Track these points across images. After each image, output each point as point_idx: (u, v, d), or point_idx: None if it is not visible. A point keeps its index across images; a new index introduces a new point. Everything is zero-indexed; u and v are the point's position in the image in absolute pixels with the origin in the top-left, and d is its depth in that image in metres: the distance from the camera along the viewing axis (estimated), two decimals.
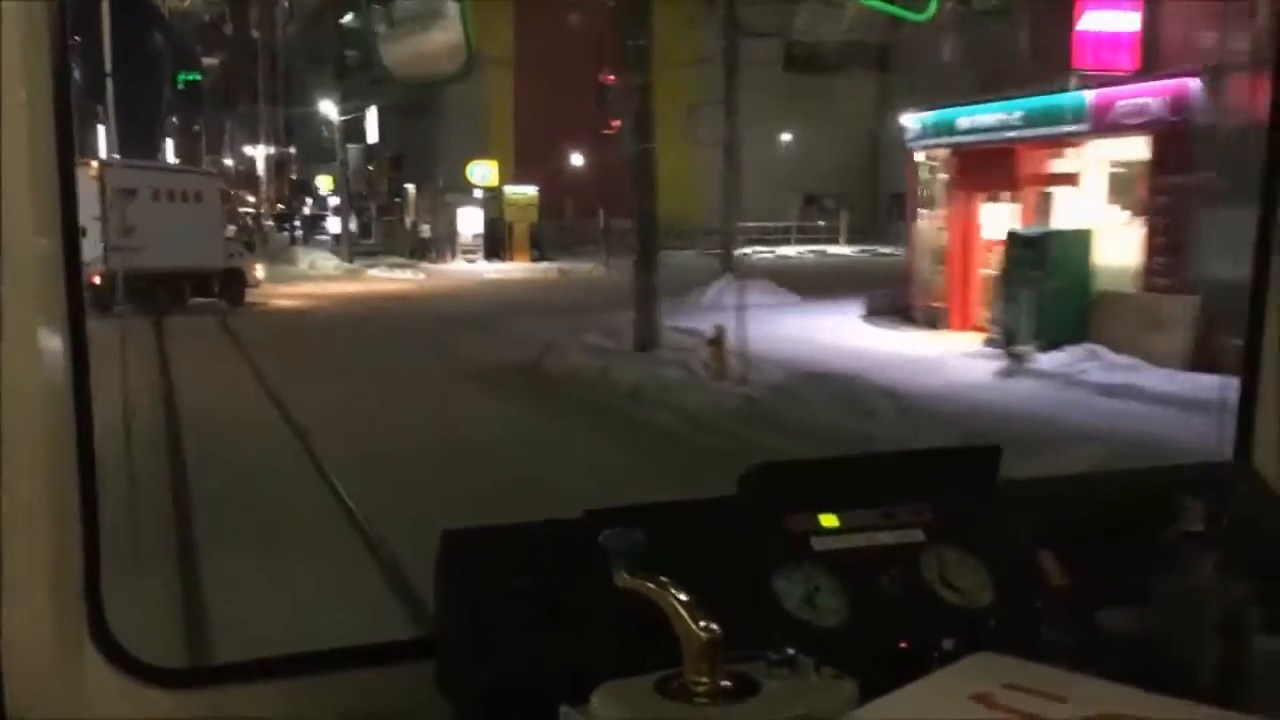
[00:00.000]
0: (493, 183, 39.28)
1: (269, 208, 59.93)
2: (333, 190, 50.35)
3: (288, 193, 64.61)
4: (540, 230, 40.07)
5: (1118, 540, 1.61)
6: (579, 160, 42.11)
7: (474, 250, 38.86)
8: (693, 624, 1.16)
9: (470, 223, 39.27)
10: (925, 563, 1.59)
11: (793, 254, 43.27)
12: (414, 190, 43.91)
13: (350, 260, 38.35)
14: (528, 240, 39.45)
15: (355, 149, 52.33)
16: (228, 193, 32.31)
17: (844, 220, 47.44)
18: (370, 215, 52.25)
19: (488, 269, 36.63)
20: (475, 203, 39.40)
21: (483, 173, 39.27)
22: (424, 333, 20.59)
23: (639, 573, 1.23)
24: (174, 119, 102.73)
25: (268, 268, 30.17)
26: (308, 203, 59.95)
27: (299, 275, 34.55)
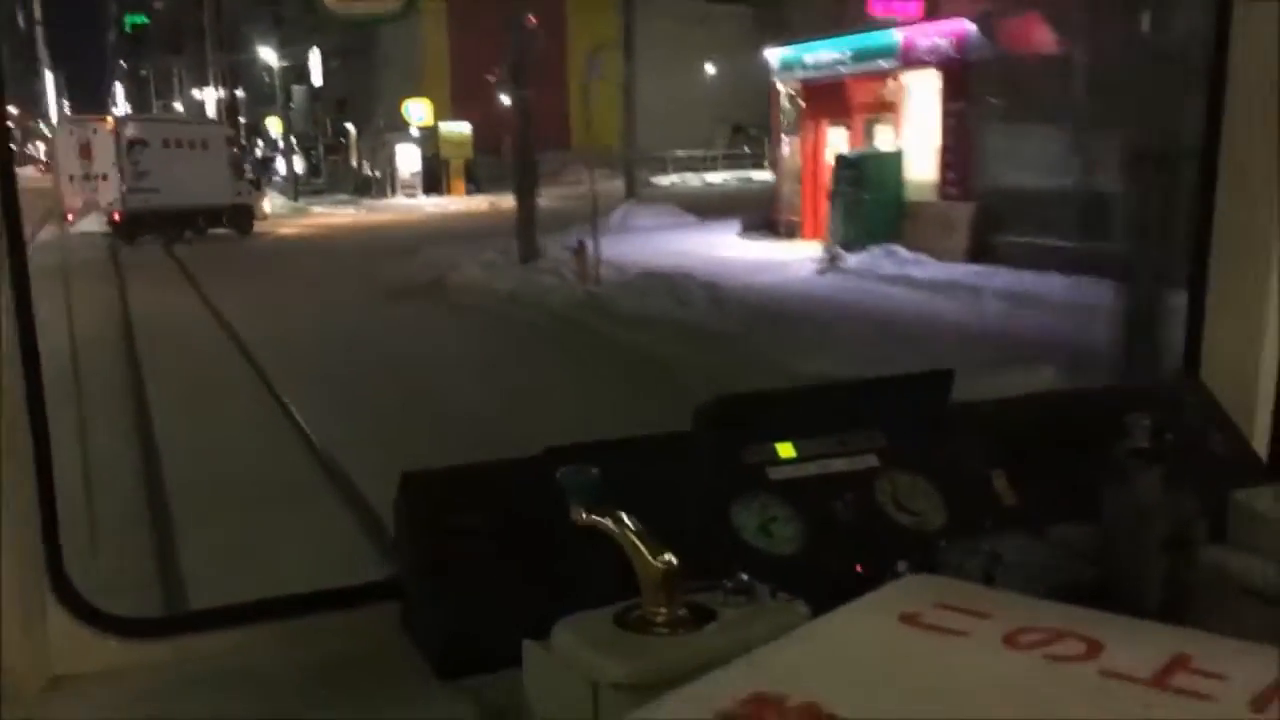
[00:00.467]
0: (428, 122, 41.68)
1: None
2: (283, 133, 52.51)
3: (239, 135, 66.49)
4: (476, 165, 42.55)
5: (1068, 458, 1.64)
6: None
7: (413, 186, 41.39)
8: (649, 557, 1.18)
9: (408, 160, 41.75)
10: (879, 488, 1.63)
11: (718, 180, 45.88)
12: (354, 131, 46.18)
13: (295, 199, 40.82)
14: (464, 175, 41.97)
15: (301, 91, 54.35)
16: (234, 139, 35.69)
17: (768, 148, 50.02)
18: (319, 155, 54.52)
19: (426, 203, 39.23)
20: (413, 140, 41.81)
21: (419, 111, 41.66)
22: (352, 255, 23.54)
23: (596, 509, 1.23)
24: (122, 63, 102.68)
25: None
26: (259, 145, 61.81)
27: None
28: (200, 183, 28.68)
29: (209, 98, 65.20)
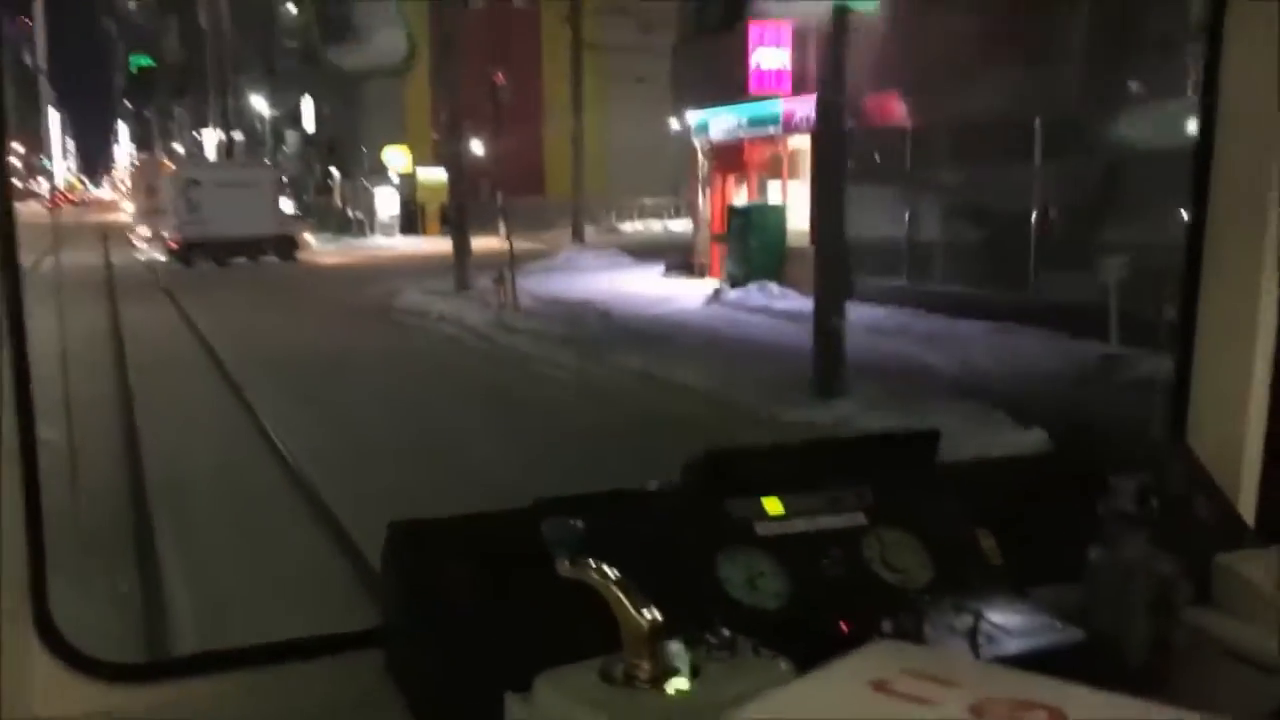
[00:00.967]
0: (407, 169, 45.10)
1: None
2: None
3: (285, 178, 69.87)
4: (451, 208, 45.86)
5: (1053, 519, 1.66)
6: (495, 145, 48.03)
7: (391, 226, 44.75)
8: (634, 611, 1.19)
9: (387, 203, 45.13)
10: (866, 544, 1.64)
11: (678, 227, 49.23)
12: (339, 175, 49.71)
13: None
14: (439, 217, 45.29)
15: (294, 135, 58.02)
16: (280, 180, 40.85)
17: (684, 196, 53.40)
18: (308, 197, 57.99)
19: (401, 242, 42.54)
20: (392, 185, 45.25)
21: (397, 159, 45.10)
22: (323, 287, 26.87)
23: (580, 561, 1.24)
24: (127, 103, 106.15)
25: None
26: None
27: None
28: (247, 217, 34.04)
29: (209, 140, 68.74)
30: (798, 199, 22.25)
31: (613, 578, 1.22)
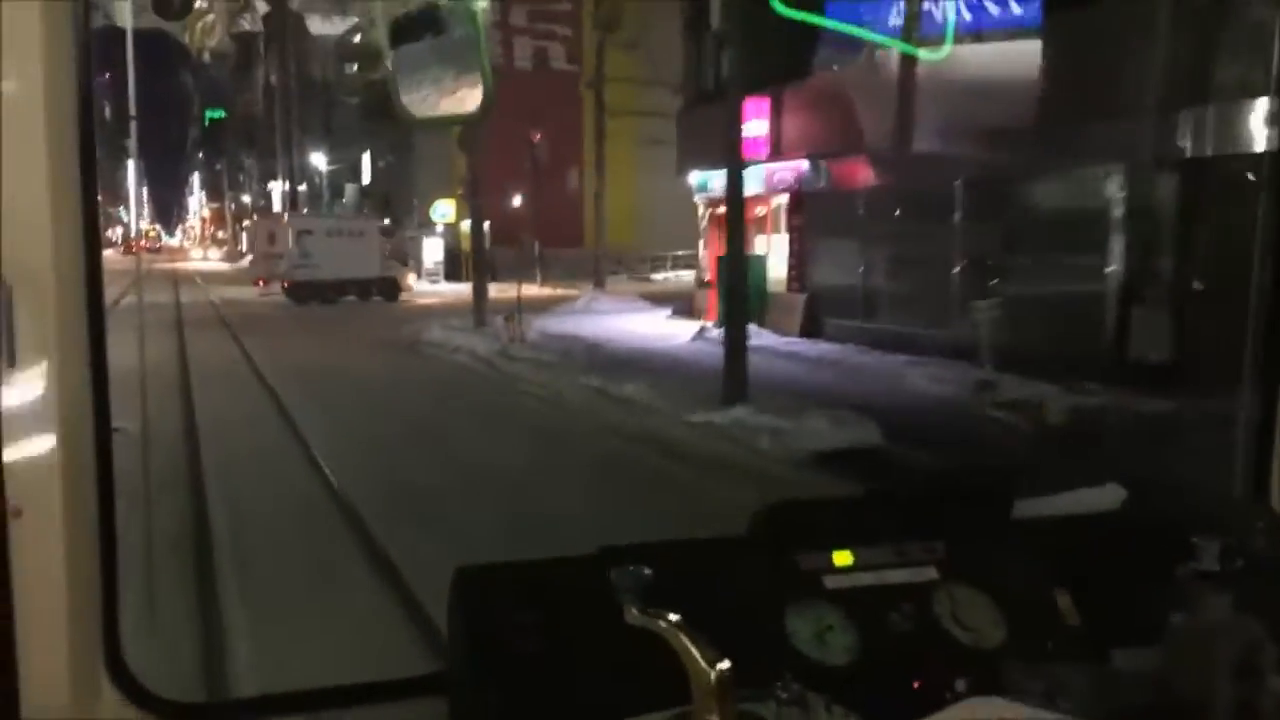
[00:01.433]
0: (452, 219, 48.58)
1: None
2: None
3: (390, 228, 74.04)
4: (493, 256, 49.19)
5: (1133, 579, 1.60)
6: (534, 198, 51.56)
7: (435, 273, 48.22)
8: (702, 661, 1.17)
9: (433, 251, 48.67)
10: (937, 601, 1.61)
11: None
12: (389, 224, 53.42)
13: None
14: None
15: (352, 189, 62.09)
16: (386, 229, 46.36)
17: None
18: None
19: (444, 288, 45.90)
20: (438, 235, 48.79)
21: (443, 210, 48.63)
22: (365, 324, 30.11)
23: (649, 610, 1.23)
24: (200, 154, 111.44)
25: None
26: None
27: None
28: (353, 261, 39.78)
29: (275, 191, 73.01)
30: (778, 250, 25.05)
31: (680, 626, 1.21)
